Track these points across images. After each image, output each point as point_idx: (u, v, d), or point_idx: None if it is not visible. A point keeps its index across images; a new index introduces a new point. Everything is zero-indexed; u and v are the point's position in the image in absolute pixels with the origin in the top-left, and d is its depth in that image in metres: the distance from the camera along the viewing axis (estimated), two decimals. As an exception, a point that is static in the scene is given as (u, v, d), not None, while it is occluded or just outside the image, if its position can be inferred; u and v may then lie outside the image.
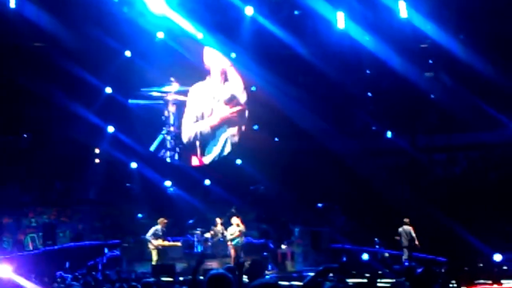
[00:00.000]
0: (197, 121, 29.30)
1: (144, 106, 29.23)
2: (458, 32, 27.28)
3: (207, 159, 29.40)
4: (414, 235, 22.95)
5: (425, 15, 26.28)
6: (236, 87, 29.55)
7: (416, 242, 22.93)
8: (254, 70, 28.80)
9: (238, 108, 29.46)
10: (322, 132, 29.29)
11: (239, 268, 9.98)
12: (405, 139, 29.90)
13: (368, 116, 30.31)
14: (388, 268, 21.49)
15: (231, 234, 23.31)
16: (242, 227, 23.43)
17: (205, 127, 29.26)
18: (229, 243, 23.41)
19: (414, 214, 24.87)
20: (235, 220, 23.62)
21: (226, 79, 29.46)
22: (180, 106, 29.54)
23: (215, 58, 29.37)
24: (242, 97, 29.75)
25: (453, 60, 27.79)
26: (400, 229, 23.09)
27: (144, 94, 29.16)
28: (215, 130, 29.30)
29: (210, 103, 29.39)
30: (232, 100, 29.40)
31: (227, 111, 29.40)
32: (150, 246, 22.80)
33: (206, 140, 29.28)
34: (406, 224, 23.14)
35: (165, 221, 23.22)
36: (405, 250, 23.00)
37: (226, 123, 29.42)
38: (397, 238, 23.14)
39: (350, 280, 9.54)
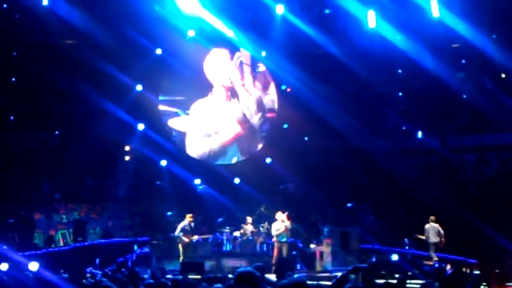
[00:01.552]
0: (204, 138, 29.09)
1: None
2: (491, 32, 27.01)
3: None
4: (442, 232, 23.01)
5: (458, 15, 26.03)
6: (248, 105, 29.33)
7: (443, 239, 22.96)
8: (285, 69, 28.75)
9: (247, 125, 29.32)
10: (352, 131, 29.24)
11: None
12: (436, 139, 29.74)
13: (399, 115, 30.19)
14: (418, 269, 21.38)
15: (277, 230, 23.25)
16: (287, 223, 23.36)
17: (216, 144, 29.09)
18: (274, 239, 23.39)
19: (444, 215, 24.77)
20: (280, 215, 23.54)
21: (234, 95, 29.26)
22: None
23: (220, 73, 29.15)
24: (272, 101, 29.67)
25: (486, 60, 27.56)
26: (428, 226, 23.19)
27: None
28: (226, 148, 29.20)
29: (217, 121, 29.13)
30: (243, 118, 29.26)
31: (238, 128, 29.26)
32: (180, 242, 22.97)
33: (216, 157, 29.21)
34: (432, 221, 23.24)
35: (191, 216, 23.33)
36: (432, 247, 23.03)
37: (237, 141, 29.30)
38: (421, 236, 23.26)
39: (379, 281, 9.48)
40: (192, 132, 29.00)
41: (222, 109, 29.17)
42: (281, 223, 23.29)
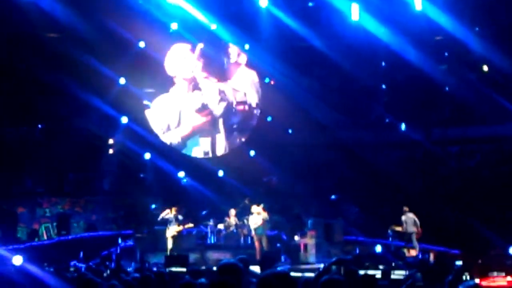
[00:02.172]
0: (165, 132, 28.99)
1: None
2: (473, 24, 27.15)
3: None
4: (418, 222, 23.23)
5: (440, 7, 26.16)
6: (210, 95, 29.19)
7: (420, 229, 23.20)
8: (268, 61, 28.78)
9: (209, 117, 29.20)
10: (336, 124, 29.38)
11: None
12: (419, 132, 29.83)
13: (383, 108, 30.30)
14: (401, 260, 21.49)
15: (255, 223, 23.21)
16: (264, 215, 23.29)
17: (176, 138, 28.99)
18: (252, 232, 23.36)
19: (428, 206, 24.92)
20: (255, 208, 23.40)
21: (196, 88, 29.15)
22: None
23: (181, 66, 29.00)
24: (252, 93, 29.65)
25: (468, 53, 27.70)
26: (404, 217, 23.40)
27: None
28: (186, 140, 29.10)
29: (176, 114, 29.01)
30: (204, 109, 29.11)
31: (199, 120, 29.14)
32: (167, 235, 22.96)
33: (184, 149, 29.16)
34: (407, 212, 23.47)
35: (176, 208, 23.31)
36: (413, 238, 23.20)
37: (197, 132, 29.18)
38: (398, 228, 23.51)
39: (363, 272, 9.55)
40: (155, 127, 28.95)
41: (183, 102, 29.06)
42: (257, 216, 23.22)
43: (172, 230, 22.92)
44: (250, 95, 29.63)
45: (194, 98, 29.08)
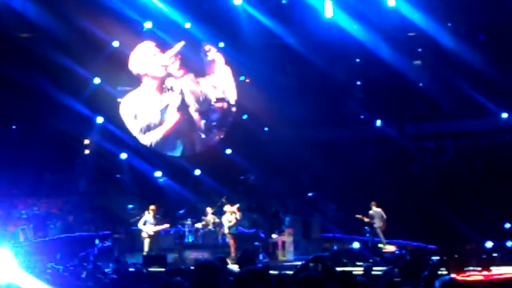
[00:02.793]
0: (145, 132, 28.94)
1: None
2: (446, 20, 27.36)
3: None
4: (385, 217, 23.79)
5: (413, 4, 26.36)
6: (187, 93, 29.09)
7: (385, 223, 23.84)
8: (242, 60, 28.75)
9: (185, 116, 29.10)
10: (311, 121, 29.34)
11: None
12: (393, 128, 29.98)
13: (357, 104, 30.41)
14: (379, 256, 21.63)
15: (229, 222, 23.24)
16: (238, 215, 23.39)
17: (158, 136, 28.96)
18: (226, 231, 23.36)
19: (403, 201, 25.07)
20: (228, 208, 23.55)
21: (169, 86, 29.09)
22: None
23: (150, 64, 28.87)
24: (231, 90, 29.64)
25: (441, 49, 27.88)
26: (372, 212, 23.95)
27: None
28: (162, 140, 29.02)
29: (148, 113, 28.93)
30: (180, 108, 29.01)
31: (174, 119, 29.01)
32: (143, 235, 22.82)
33: (161, 149, 29.18)
34: (375, 206, 24.02)
35: (154, 208, 23.17)
36: (379, 232, 23.82)
37: (174, 132, 29.09)
38: (365, 219, 23.88)
39: (340, 269, 9.60)
40: (130, 126, 28.87)
41: (154, 101, 28.95)
42: (231, 215, 23.30)
43: (149, 230, 22.80)
44: (228, 92, 29.60)
45: (168, 97, 28.96)
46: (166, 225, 23.61)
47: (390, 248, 23.44)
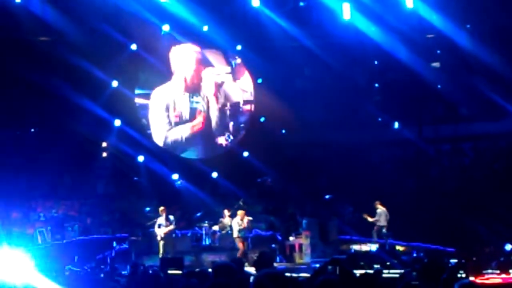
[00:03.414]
0: (175, 124, 28.93)
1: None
2: (464, 22, 27.22)
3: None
4: (388, 216, 24.15)
5: (431, 6, 26.21)
6: (211, 95, 29.23)
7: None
8: (261, 62, 28.72)
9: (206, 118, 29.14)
10: (329, 124, 29.29)
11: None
12: (411, 130, 29.85)
13: (375, 107, 30.28)
14: (396, 259, 21.52)
15: (239, 225, 23.24)
16: (245, 220, 23.38)
17: (187, 131, 28.95)
18: (236, 234, 23.33)
19: (421, 204, 24.96)
20: (240, 212, 23.70)
21: (197, 88, 29.07)
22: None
23: (185, 65, 28.97)
24: (248, 92, 29.66)
25: (460, 50, 27.73)
26: (379, 210, 24.28)
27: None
28: (195, 136, 29.10)
29: (187, 108, 28.98)
30: (202, 111, 29.09)
31: (198, 121, 28.97)
32: (158, 238, 22.88)
33: (186, 146, 29.16)
34: (380, 205, 24.38)
35: (163, 209, 23.21)
36: (379, 230, 24.16)
37: (196, 133, 29.08)
38: (370, 218, 24.33)
39: (358, 272, 9.55)
40: (155, 121, 28.88)
41: (185, 97, 28.98)
42: (241, 219, 23.30)
43: (161, 232, 22.85)
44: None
45: (198, 98, 29.04)
46: (171, 227, 23.39)
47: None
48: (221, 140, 29.40)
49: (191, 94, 29.01)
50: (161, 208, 23.31)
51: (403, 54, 27.47)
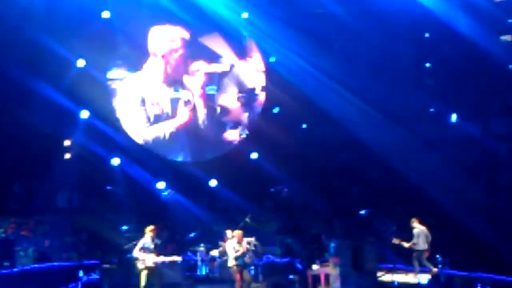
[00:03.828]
0: (154, 122, 29.15)
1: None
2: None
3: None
4: (430, 238, 24.40)
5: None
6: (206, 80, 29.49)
7: (429, 247, 24.38)
8: (274, 35, 28.71)
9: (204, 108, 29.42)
10: (364, 117, 29.18)
11: None
12: (475, 124, 29.74)
13: (426, 94, 30.19)
14: (454, 293, 21.50)
15: (236, 251, 23.05)
16: (243, 244, 23.22)
17: (169, 129, 29.18)
18: (232, 262, 23.11)
19: (489, 223, 24.83)
20: (230, 233, 23.69)
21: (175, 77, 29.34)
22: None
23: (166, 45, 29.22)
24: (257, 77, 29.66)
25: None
26: (417, 230, 24.45)
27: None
28: (170, 138, 29.29)
29: (167, 101, 29.27)
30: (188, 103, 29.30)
31: (186, 112, 29.29)
32: (139, 266, 22.54)
33: (169, 148, 29.42)
34: (419, 223, 24.57)
35: (152, 228, 22.86)
36: (422, 255, 24.22)
37: (186, 127, 29.44)
38: (404, 243, 24.36)
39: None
40: (135, 114, 29.05)
41: (165, 87, 29.26)
42: (237, 243, 23.07)
43: (147, 259, 22.49)
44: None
45: (182, 91, 29.11)
46: (176, 258, 23.29)
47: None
48: (233, 135, 29.56)
49: (173, 86, 29.16)
50: (150, 227, 22.87)
51: (463, 24, 27.34)
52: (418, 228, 24.37)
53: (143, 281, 22.42)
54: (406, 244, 24.33)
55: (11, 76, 26.77)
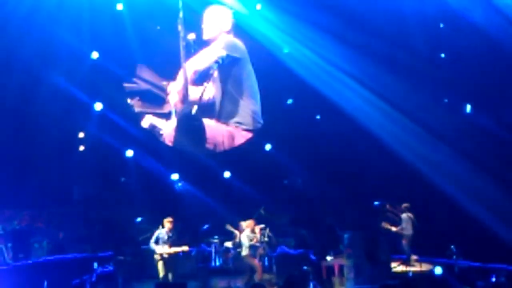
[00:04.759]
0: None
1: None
2: None
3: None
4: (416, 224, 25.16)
5: None
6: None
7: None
8: (287, 25, 28.67)
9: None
10: (378, 107, 29.17)
11: None
12: (490, 116, 29.62)
13: (440, 84, 30.09)
14: (470, 285, 21.44)
15: (250, 241, 23.27)
16: (257, 233, 23.44)
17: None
18: (246, 252, 23.31)
19: (504, 216, 24.85)
20: (245, 223, 24.18)
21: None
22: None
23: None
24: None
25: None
26: (405, 215, 25.36)
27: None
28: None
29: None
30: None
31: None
32: (156, 257, 22.78)
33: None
34: (408, 209, 25.39)
35: (171, 220, 23.05)
36: (408, 240, 25.17)
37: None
38: (393, 228, 25.18)
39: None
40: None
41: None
42: (251, 233, 23.30)
43: (163, 250, 22.72)
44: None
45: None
46: (185, 248, 23.46)
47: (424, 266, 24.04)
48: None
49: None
50: (168, 218, 23.10)
51: (478, 14, 27.25)
52: (405, 214, 25.08)
53: (160, 272, 22.74)
54: (394, 229, 24.94)
55: (23, 68, 26.95)
